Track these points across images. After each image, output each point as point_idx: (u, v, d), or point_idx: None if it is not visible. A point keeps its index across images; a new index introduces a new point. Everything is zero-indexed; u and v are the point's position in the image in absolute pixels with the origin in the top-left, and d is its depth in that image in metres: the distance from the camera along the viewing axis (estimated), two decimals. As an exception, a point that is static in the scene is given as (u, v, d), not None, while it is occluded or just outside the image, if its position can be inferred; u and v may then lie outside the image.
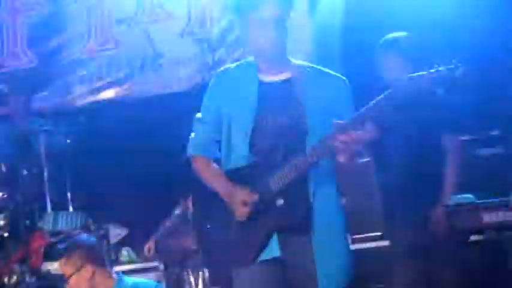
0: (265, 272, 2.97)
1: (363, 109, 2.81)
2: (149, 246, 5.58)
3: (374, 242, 4.76)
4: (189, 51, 6.33)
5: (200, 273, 5.30)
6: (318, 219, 2.98)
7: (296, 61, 3.16)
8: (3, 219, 5.73)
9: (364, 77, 3.83)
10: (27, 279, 5.38)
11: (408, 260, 4.10)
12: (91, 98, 6.54)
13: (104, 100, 6.51)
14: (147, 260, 5.66)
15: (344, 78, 3.17)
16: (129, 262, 5.82)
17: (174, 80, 6.35)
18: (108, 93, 6.52)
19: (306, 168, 2.93)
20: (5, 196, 5.79)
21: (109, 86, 6.52)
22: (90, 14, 6.56)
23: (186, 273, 5.37)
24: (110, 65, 6.53)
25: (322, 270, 2.93)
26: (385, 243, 4.51)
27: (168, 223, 5.64)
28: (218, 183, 3.09)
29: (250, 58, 3.16)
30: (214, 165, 3.17)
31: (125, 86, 6.48)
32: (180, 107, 5.32)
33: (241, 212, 2.97)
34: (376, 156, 4.26)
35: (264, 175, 2.99)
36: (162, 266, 5.53)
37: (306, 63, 3.19)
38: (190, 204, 5.13)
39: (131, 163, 5.98)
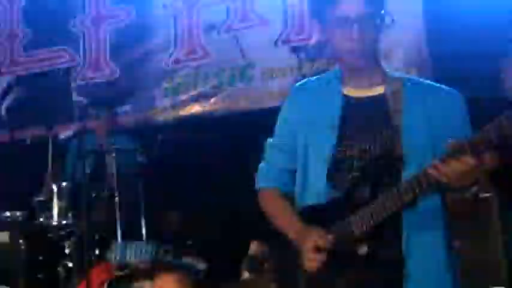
0: None
1: (487, 128, 2.22)
2: None
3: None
4: (284, 61, 5.82)
5: None
6: (414, 274, 2.45)
7: (394, 73, 2.66)
8: (68, 247, 5.26)
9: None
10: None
11: None
12: (175, 113, 6.19)
13: (188, 115, 6.16)
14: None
15: (460, 94, 2.61)
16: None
17: (266, 94, 5.89)
18: (194, 108, 6.14)
19: (400, 207, 2.41)
20: (70, 221, 5.30)
21: (195, 99, 6.14)
22: (177, 21, 6.19)
23: None
24: (196, 76, 6.13)
25: None
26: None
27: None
28: (288, 223, 2.64)
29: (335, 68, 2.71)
30: (286, 201, 2.72)
31: (212, 100, 6.09)
32: (272, 125, 4.84)
33: (311, 261, 2.49)
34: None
35: (345, 215, 2.50)
36: None
37: (406, 76, 2.71)
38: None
39: (214, 189, 5.60)
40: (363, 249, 2.48)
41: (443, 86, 2.64)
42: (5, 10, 6.63)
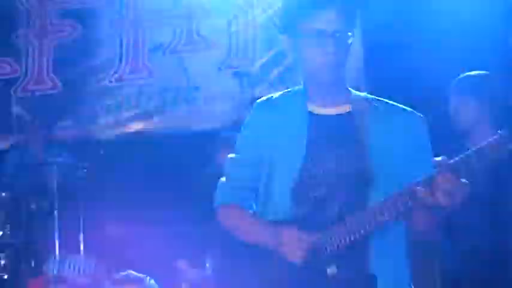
0: None
1: (469, 153, 2.18)
2: None
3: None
4: (227, 86, 5.75)
5: None
6: None
7: (358, 92, 2.59)
8: (4, 259, 5.13)
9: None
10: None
11: None
12: (117, 130, 6.04)
13: (130, 133, 6.01)
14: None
15: (421, 115, 2.56)
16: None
17: (208, 116, 5.77)
18: (136, 126, 6.00)
19: (371, 230, 2.34)
20: (8, 232, 5.16)
21: (137, 117, 6.01)
22: (123, 39, 6.06)
23: None
24: (140, 94, 6.03)
25: None
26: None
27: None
28: (261, 233, 2.48)
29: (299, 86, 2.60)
30: (249, 213, 2.60)
31: (155, 119, 5.97)
32: (212, 146, 4.92)
33: (298, 253, 2.36)
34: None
35: (313, 232, 2.40)
36: None
37: (371, 96, 2.59)
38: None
39: (155, 204, 5.41)
40: (333, 269, 2.39)
41: (406, 108, 2.59)
42: None
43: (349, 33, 2.47)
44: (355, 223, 2.36)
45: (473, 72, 3.81)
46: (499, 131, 2.21)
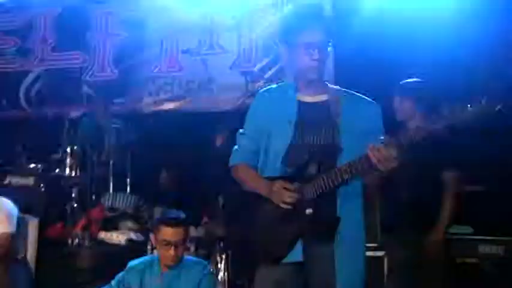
0: (288, 274, 2.64)
1: (399, 136, 2.46)
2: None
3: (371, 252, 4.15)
4: (235, 80, 6.11)
5: (223, 256, 4.93)
6: (343, 231, 2.63)
7: (332, 85, 2.82)
8: (75, 193, 5.57)
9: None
10: (86, 243, 5.23)
11: (401, 270, 3.83)
12: (156, 108, 6.37)
13: (164, 110, 6.32)
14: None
15: (377, 104, 2.81)
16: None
17: (221, 101, 6.13)
18: (169, 106, 6.33)
19: (339, 183, 2.57)
20: (78, 174, 5.65)
21: (170, 99, 6.33)
22: (163, 42, 6.38)
23: (213, 256, 4.98)
24: (173, 83, 6.33)
25: (341, 279, 2.59)
26: (381, 253, 4.18)
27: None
28: (259, 184, 2.73)
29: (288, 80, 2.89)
30: (254, 170, 2.82)
31: (183, 102, 6.29)
32: (223, 123, 5.38)
33: (286, 200, 2.61)
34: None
35: (298, 186, 2.65)
36: (193, 248, 5.11)
37: (341, 88, 2.82)
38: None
39: (179, 159, 5.77)
40: (309, 210, 2.60)
41: (367, 98, 2.80)
42: (41, 19, 6.67)
43: (329, 43, 2.68)
44: (327, 178, 2.57)
45: (410, 80, 4.00)
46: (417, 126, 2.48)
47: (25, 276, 4.56)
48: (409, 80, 4.03)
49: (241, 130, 2.89)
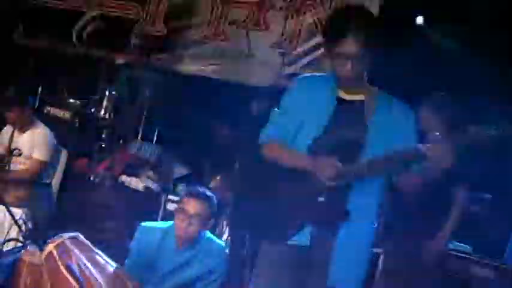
0: (291, 255, 2.61)
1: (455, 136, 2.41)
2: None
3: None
4: (273, 59, 6.07)
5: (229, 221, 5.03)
6: (352, 225, 2.57)
7: (371, 86, 2.73)
8: (105, 134, 5.79)
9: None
10: (106, 183, 5.41)
11: (394, 272, 3.88)
12: (195, 70, 6.43)
13: (204, 74, 6.37)
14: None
15: (411, 109, 2.73)
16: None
17: (255, 77, 6.14)
18: (207, 71, 6.40)
19: (354, 179, 2.54)
20: (111, 117, 5.84)
21: (211, 65, 6.39)
22: (213, 10, 6.46)
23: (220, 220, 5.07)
24: (215, 50, 6.42)
25: (339, 271, 2.55)
26: (379, 250, 4.14)
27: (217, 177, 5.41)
28: (299, 157, 2.64)
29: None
30: (290, 148, 2.73)
31: (222, 69, 6.33)
32: (254, 97, 5.34)
33: (330, 173, 2.52)
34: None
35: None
36: None
37: (379, 89, 2.74)
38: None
39: (207, 123, 5.76)
40: (320, 198, 2.57)
41: (402, 101, 2.71)
42: None
43: (366, 53, 2.52)
44: (350, 171, 2.52)
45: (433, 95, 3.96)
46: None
47: (48, 200, 4.84)
48: (431, 95, 4.02)
49: (276, 109, 2.83)
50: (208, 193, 3.53)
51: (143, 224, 3.59)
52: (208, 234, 3.59)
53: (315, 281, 2.60)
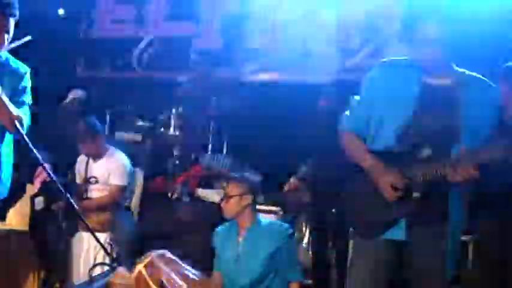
0: (387, 250, 2.58)
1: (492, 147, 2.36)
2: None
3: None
4: (331, 55, 6.04)
5: (309, 222, 4.96)
6: (453, 218, 2.53)
7: (458, 68, 2.65)
8: (176, 151, 5.83)
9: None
10: (184, 198, 5.43)
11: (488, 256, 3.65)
12: (254, 78, 6.40)
13: (263, 80, 6.33)
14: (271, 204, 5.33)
15: (497, 88, 2.66)
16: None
17: (316, 74, 6.00)
18: (267, 76, 6.34)
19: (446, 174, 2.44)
20: (180, 134, 5.89)
21: (268, 70, 6.34)
22: (267, 17, 6.40)
23: (298, 220, 5.04)
24: (272, 55, 6.32)
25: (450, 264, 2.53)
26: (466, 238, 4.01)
27: (292, 179, 5.28)
28: (368, 160, 2.62)
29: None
30: (362, 142, 2.71)
31: (280, 73, 6.27)
32: (316, 94, 5.28)
33: (391, 195, 2.53)
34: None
35: (408, 166, 2.54)
36: (281, 212, 5.21)
37: (466, 71, 2.65)
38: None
39: (275, 128, 5.78)
40: (416, 194, 2.52)
41: (487, 80, 2.63)
42: None
43: (452, 36, 2.49)
44: (437, 168, 2.46)
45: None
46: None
47: (129, 222, 4.87)
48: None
49: (356, 98, 2.79)
50: (239, 174, 3.76)
51: (218, 227, 3.77)
52: (267, 219, 3.76)
53: (408, 274, 2.58)
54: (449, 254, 2.54)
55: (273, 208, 5.27)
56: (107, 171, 4.73)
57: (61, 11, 6.51)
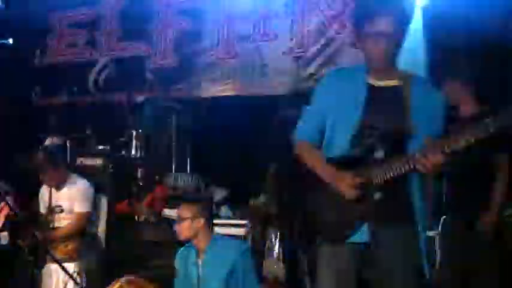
0: (352, 253, 2.56)
1: (455, 136, 2.34)
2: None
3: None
4: (288, 66, 6.05)
5: (278, 233, 4.93)
6: (418, 216, 2.54)
7: (403, 70, 2.66)
8: (140, 173, 5.73)
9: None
10: (151, 219, 5.36)
11: (455, 249, 3.76)
12: (213, 93, 6.40)
13: (222, 95, 6.34)
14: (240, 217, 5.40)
15: (442, 93, 2.73)
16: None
17: (274, 86, 6.08)
18: (225, 91, 6.35)
19: (406, 171, 2.46)
20: (142, 156, 5.80)
21: (227, 85, 6.34)
22: (219, 30, 6.41)
23: (268, 231, 5.00)
24: (229, 69, 6.35)
25: (408, 263, 2.54)
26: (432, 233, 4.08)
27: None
28: (323, 168, 2.62)
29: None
30: (318, 151, 2.69)
31: (239, 86, 6.29)
32: (275, 106, 5.39)
33: (350, 194, 2.52)
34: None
35: (364, 167, 2.54)
36: (249, 225, 5.18)
37: (412, 73, 2.68)
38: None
39: (236, 140, 5.81)
40: (377, 195, 2.52)
41: (434, 86, 2.70)
42: (107, 13, 6.90)
43: (400, 33, 2.51)
44: (395, 165, 2.46)
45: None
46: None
47: (97, 249, 4.78)
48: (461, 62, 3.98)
49: (308, 106, 2.78)
50: (190, 196, 3.79)
51: (180, 248, 3.74)
52: (224, 237, 3.77)
53: (376, 275, 2.55)
54: (418, 252, 2.55)
55: (241, 221, 5.25)
56: (71, 199, 4.67)
57: (10, 41, 6.35)
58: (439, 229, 4.02)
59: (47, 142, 5.63)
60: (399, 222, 2.53)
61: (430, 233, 4.05)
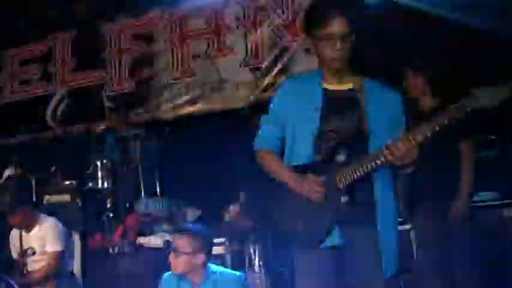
0: (327, 257, 2.54)
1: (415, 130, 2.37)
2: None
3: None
4: (246, 78, 6.08)
5: (257, 246, 4.82)
6: (382, 215, 2.53)
7: (358, 73, 2.67)
8: (109, 203, 5.63)
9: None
10: (125, 249, 5.24)
11: (429, 242, 3.76)
12: (174, 113, 6.39)
13: (183, 114, 6.34)
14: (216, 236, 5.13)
15: (398, 93, 2.70)
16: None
17: (234, 100, 6.11)
18: (187, 109, 6.34)
19: (370, 170, 2.46)
20: (110, 186, 5.69)
21: (187, 104, 6.33)
22: (174, 50, 6.41)
23: (246, 247, 4.87)
24: (187, 88, 6.34)
25: (386, 260, 2.52)
26: (408, 226, 4.08)
27: (232, 207, 5.22)
28: (285, 174, 2.61)
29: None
30: (280, 159, 2.68)
31: (199, 104, 6.29)
32: (237, 119, 5.44)
33: (316, 196, 2.51)
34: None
35: (328, 172, 2.52)
36: (227, 242, 5.05)
37: (365, 76, 2.68)
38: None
39: (203, 161, 5.73)
40: (345, 198, 2.51)
41: (390, 87, 2.69)
42: (59, 44, 6.82)
43: (352, 34, 2.51)
44: (359, 166, 2.46)
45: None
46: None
47: (75, 286, 4.70)
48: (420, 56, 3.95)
49: (265, 116, 2.77)
50: (193, 228, 3.46)
51: (166, 274, 3.47)
52: (218, 267, 3.52)
53: (353, 276, 2.55)
54: (387, 252, 2.54)
55: (218, 240, 5.09)
56: (42, 239, 4.59)
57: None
58: (411, 221, 4.05)
59: (7, 172, 5.51)
60: (366, 223, 2.52)
61: (407, 227, 4.08)
